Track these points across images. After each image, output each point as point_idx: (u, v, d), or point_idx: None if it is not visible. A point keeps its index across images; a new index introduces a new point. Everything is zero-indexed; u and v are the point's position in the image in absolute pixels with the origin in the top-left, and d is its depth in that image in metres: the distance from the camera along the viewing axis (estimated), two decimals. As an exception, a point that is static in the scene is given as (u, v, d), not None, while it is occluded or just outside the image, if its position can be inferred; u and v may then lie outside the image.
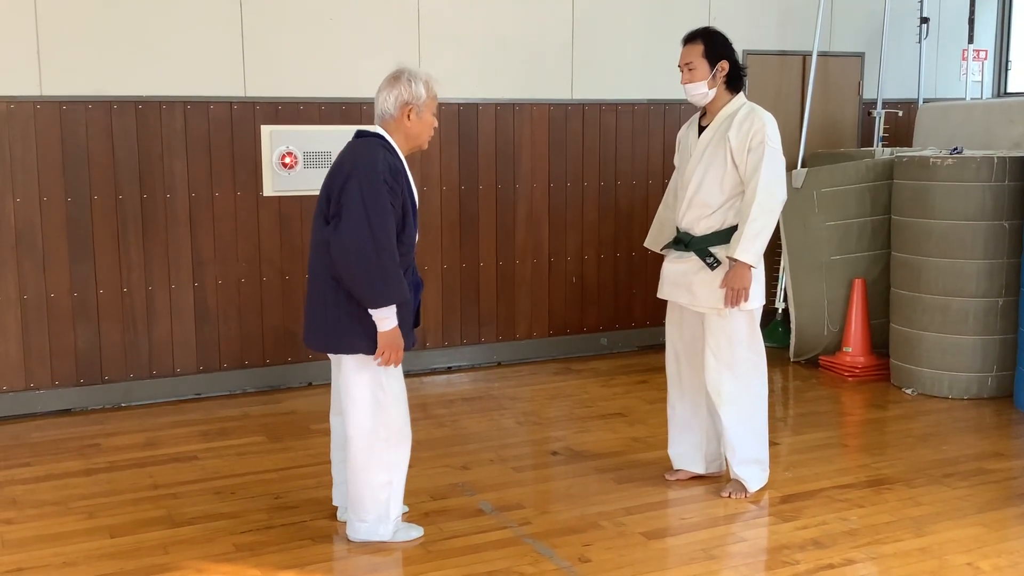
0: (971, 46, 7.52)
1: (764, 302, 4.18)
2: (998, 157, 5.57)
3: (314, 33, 5.90)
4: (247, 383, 5.99)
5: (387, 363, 3.60)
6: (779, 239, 6.65)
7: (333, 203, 3.52)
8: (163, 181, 5.67)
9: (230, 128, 5.78)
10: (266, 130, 5.84)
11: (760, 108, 4.11)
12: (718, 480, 4.38)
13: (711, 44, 4.10)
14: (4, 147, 5.33)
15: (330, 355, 3.75)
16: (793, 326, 6.55)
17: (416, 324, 3.76)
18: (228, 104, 5.76)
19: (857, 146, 7.47)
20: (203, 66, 5.68)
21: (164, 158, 5.66)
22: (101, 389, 5.66)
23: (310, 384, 6.12)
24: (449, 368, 6.50)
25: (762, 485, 4.27)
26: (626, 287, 6.92)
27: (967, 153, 5.77)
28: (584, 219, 6.77)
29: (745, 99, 4.15)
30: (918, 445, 4.92)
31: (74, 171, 5.48)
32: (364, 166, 3.49)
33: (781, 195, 4.02)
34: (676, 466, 4.44)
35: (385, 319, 3.53)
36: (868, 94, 7.50)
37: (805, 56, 7.18)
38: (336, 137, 5.95)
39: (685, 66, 4.11)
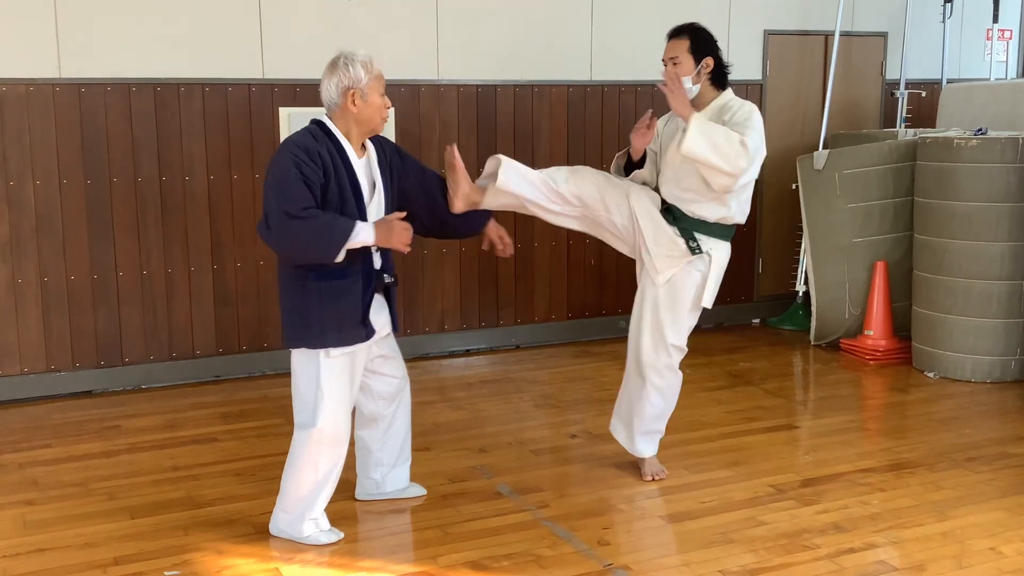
0: (996, 26, 7.43)
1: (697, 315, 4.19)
2: (1023, 138, 5.50)
3: (332, 14, 5.87)
4: (266, 365, 6.00)
5: (401, 246, 3.52)
6: (800, 220, 6.61)
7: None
8: (182, 163, 5.67)
9: (248, 110, 5.77)
10: (284, 112, 5.83)
11: (749, 102, 4.08)
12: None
13: (697, 40, 4.11)
14: (24, 130, 5.34)
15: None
16: (814, 309, 6.50)
17: (365, 320, 3.59)
18: (246, 86, 5.75)
19: (880, 127, 7.39)
20: (221, 48, 5.67)
21: (183, 140, 5.66)
22: (121, 371, 5.69)
23: (329, 366, 6.12)
24: (467, 351, 6.50)
25: None
26: (645, 270, 6.89)
27: (991, 134, 5.70)
28: (603, 201, 6.72)
29: (733, 95, 4.11)
30: (940, 429, 4.88)
31: (93, 153, 5.49)
32: (277, 151, 3.51)
33: (743, 161, 3.81)
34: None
35: (357, 243, 3.43)
36: (891, 74, 7.41)
37: (827, 36, 7.10)
38: (354, 119, 5.95)
39: (670, 60, 4.10)
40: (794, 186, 6.64)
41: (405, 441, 4.02)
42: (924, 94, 7.36)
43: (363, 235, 3.45)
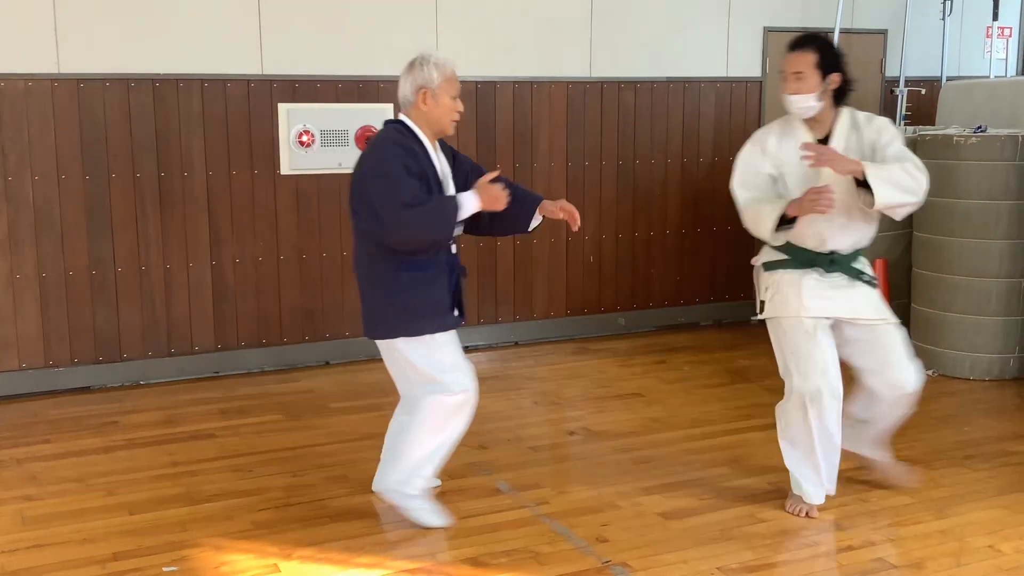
0: (996, 23, 7.42)
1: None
2: (1023, 136, 5.49)
3: (331, 10, 5.86)
4: (265, 361, 6.00)
5: (502, 206, 3.60)
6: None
7: (357, 195, 3.58)
8: (181, 159, 5.67)
9: (247, 106, 5.76)
10: (283, 108, 5.82)
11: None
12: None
13: (825, 55, 3.77)
14: (22, 125, 5.33)
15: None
16: (813, 306, 6.49)
17: (455, 307, 3.75)
18: (245, 82, 5.74)
19: (879, 125, 7.38)
20: (220, 44, 5.66)
21: (182, 136, 5.65)
22: (120, 367, 5.68)
23: (327, 363, 6.12)
24: (466, 348, 6.46)
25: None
26: (644, 266, 6.89)
27: (991, 132, 5.69)
28: (602, 198, 6.73)
29: (855, 109, 3.90)
30: (939, 426, 4.88)
31: (92, 149, 5.48)
32: (371, 145, 3.62)
33: (924, 183, 3.63)
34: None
35: (466, 208, 3.57)
36: (891, 72, 7.41)
37: (827, 33, 7.08)
38: (353, 115, 5.95)
39: (793, 75, 3.74)
40: (793, 183, 6.62)
41: None
42: (924, 91, 7.35)
43: (468, 204, 3.57)
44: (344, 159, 5.96)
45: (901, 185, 3.61)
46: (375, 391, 5.58)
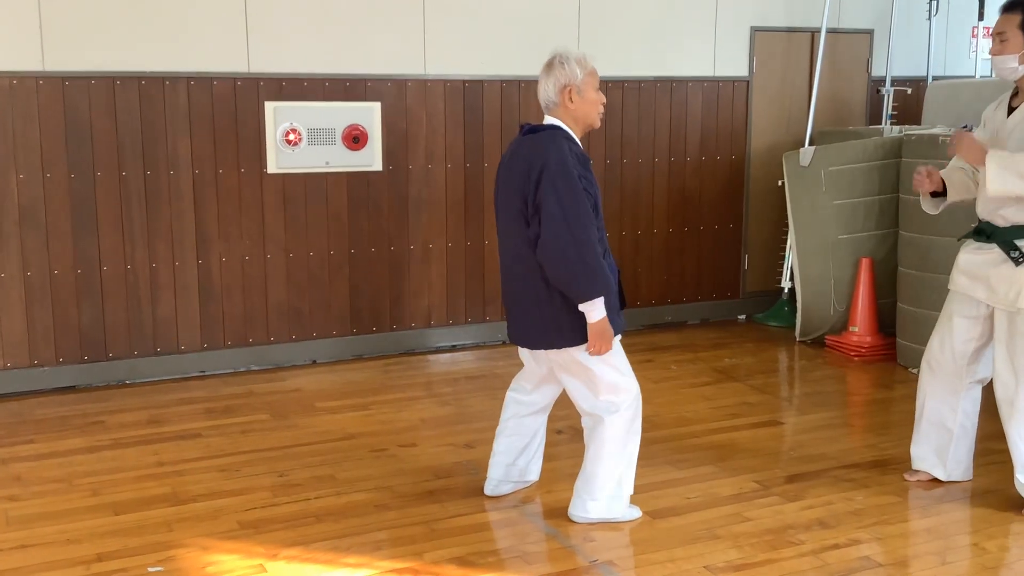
0: (981, 23, 7.45)
1: None
2: (1008, 135, 5.51)
3: (319, 8, 5.85)
4: (251, 361, 5.98)
5: (598, 353, 3.58)
6: (786, 217, 6.62)
7: (530, 204, 3.50)
8: (167, 158, 5.64)
9: (234, 104, 5.74)
10: (270, 106, 5.80)
11: None
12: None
13: None
14: (7, 123, 5.30)
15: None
16: (799, 305, 6.52)
17: (623, 306, 3.72)
18: (232, 80, 5.72)
19: (865, 124, 7.42)
20: (206, 42, 5.64)
21: (168, 134, 5.63)
22: (105, 366, 5.66)
23: (314, 362, 6.11)
24: (453, 346, 6.49)
25: None
26: (631, 265, 6.89)
27: (977, 131, 5.71)
28: (590, 197, 6.72)
29: None
30: (924, 425, 4.89)
31: (77, 147, 5.45)
32: (555, 162, 3.48)
33: None
34: (916, 467, 4.19)
35: (593, 310, 3.51)
36: (877, 71, 7.43)
37: (814, 33, 7.11)
38: (341, 114, 5.94)
39: (997, 36, 3.68)
40: (780, 183, 6.65)
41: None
42: (910, 91, 7.38)
43: (598, 310, 3.51)
44: (331, 158, 5.95)
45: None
46: (362, 390, 5.58)
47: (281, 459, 4.47)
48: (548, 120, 3.65)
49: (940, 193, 4.02)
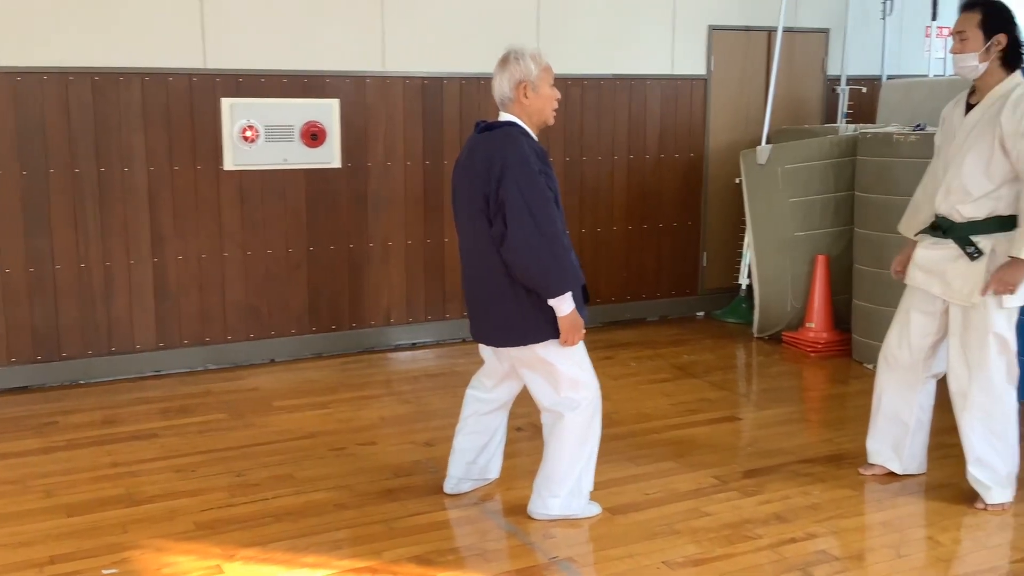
0: (935, 23, 7.55)
1: None
2: (960, 134, 5.59)
3: (276, 4, 5.80)
4: (208, 360, 5.92)
5: (572, 344, 3.60)
6: (743, 215, 6.67)
7: (492, 202, 3.48)
8: (121, 155, 5.57)
9: (190, 101, 5.68)
10: (226, 103, 5.75)
11: None
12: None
13: (990, 14, 3.72)
14: (-44, 119, 5.21)
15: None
16: (757, 302, 6.58)
17: (586, 301, 3.72)
18: (187, 76, 5.65)
19: (821, 122, 7.49)
20: (162, 37, 5.57)
21: (122, 131, 5.56)
22: (59, 366, 5.57)
23: (273, 361, 6.06)
24: (414, 344, 6.47)
25: (1005, 501, 3.90)
26: (591, 263, 6.91)
27: (930, 130, 5.79)
28: (549, 195, 6.73)
29: (1022, 79, 3.74)
30: (879, 420, 4.95)
31: (30, 144, 5.36)
32: (515, 158, 3.47)
33: None
34: (871, 461, 4.24)
35: (562, 304, 3.52)
36: (832, 70, 7.51)
37: (770, 32, 7.17)
38: (299, 110, 5.90)
39: (957, 35, 3.75)
40: (738, 180, 6.70)
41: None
42: (865, 90, 7.47)
43: (568, 304, 3.53)
44: (289, 155, 5.90)
45: None
46: (321, 389, 5.54)
47: (239, 459, 4.43)
48: (503, 116, 3.64)
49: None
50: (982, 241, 3.77)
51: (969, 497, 3.96)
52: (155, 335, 5.78)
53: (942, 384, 4.09)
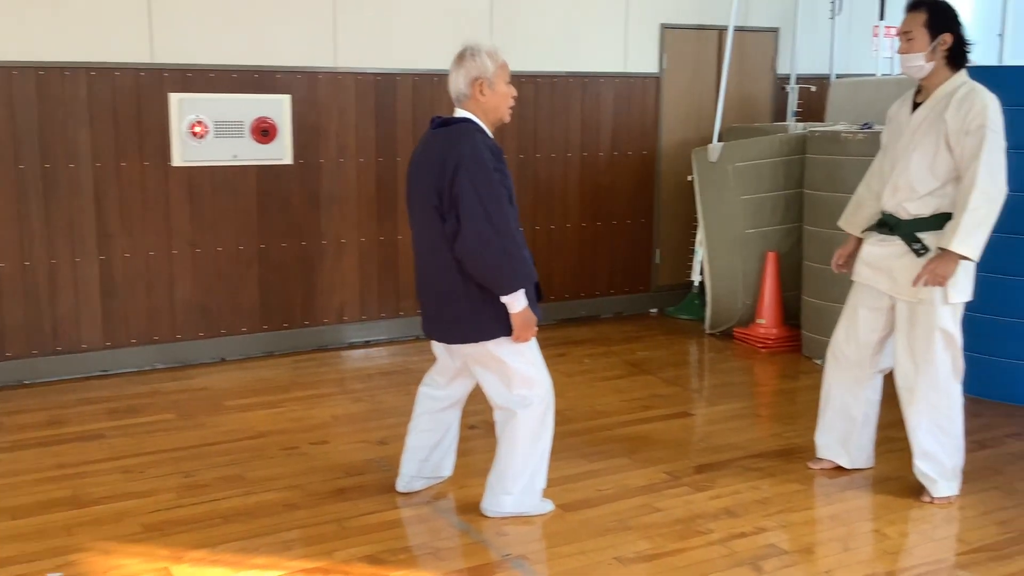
0: (882, 23, 7.65)
1: (971, 298, 3.87)
2: (907, 133, 5.67)
3: (225, -1, 5.73)
4: (156, 359, 5.84)
5: (524, 341, 3.59)
6: (696, 212, 6.72)
7: (446, 198, 3.45)
8: (66, 150, 5.47)
9: (137, 96, 5.59)
10: (175, 98, 5.67)
11: (983, 88, 3.74)
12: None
13: (935, 14, 3.76)
14: None
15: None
16: (709, 299, 6.63)
17: (539, 298, 3.70)
18: (135, 71, 5.57)
19: (771, 121, 7.57)
20: (108, 31, 5.47)
21: (68, 126, 5.46)
22: (2, 366, 5.46)
23: (223, 359, 5.99)
24: (367, 342, 6.43)
25: (951, 494, 3.97)
26: (545, 260, 6.91)
27: (877, 128, 5.87)
28: (502, 192, 6.72)
29: (967, 78, 3.80)
30: (828, 415, 5.01)
31: (-30, 139, 5.25)
32: (470, 155, 3.45)
33: (1003, 184, 3.68)
34: (820, 455, 4.28)
35: (515, 301, 3.51)
36: (782, 69, 7.59)
37: (721, 31, 7.22)
38: (249, 106, 5.83)
39: (903, 35, 3.81)
40: (690, 178, 6.75)
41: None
42: (814, 89, 7.56)
43: (521, 300, 3.53)
44: (239, 151, 5.84)
45: (983, 225, 3.65)
46: (272, 388, 5.49)
47: (187, 459, 4.38)
48: (459, 113, 3.63)
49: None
50: (928, 238, 3.83)
51: (916, 491, 4.02)
52: (102, 334, 5.69)
53: (889, 379, 4.15)
